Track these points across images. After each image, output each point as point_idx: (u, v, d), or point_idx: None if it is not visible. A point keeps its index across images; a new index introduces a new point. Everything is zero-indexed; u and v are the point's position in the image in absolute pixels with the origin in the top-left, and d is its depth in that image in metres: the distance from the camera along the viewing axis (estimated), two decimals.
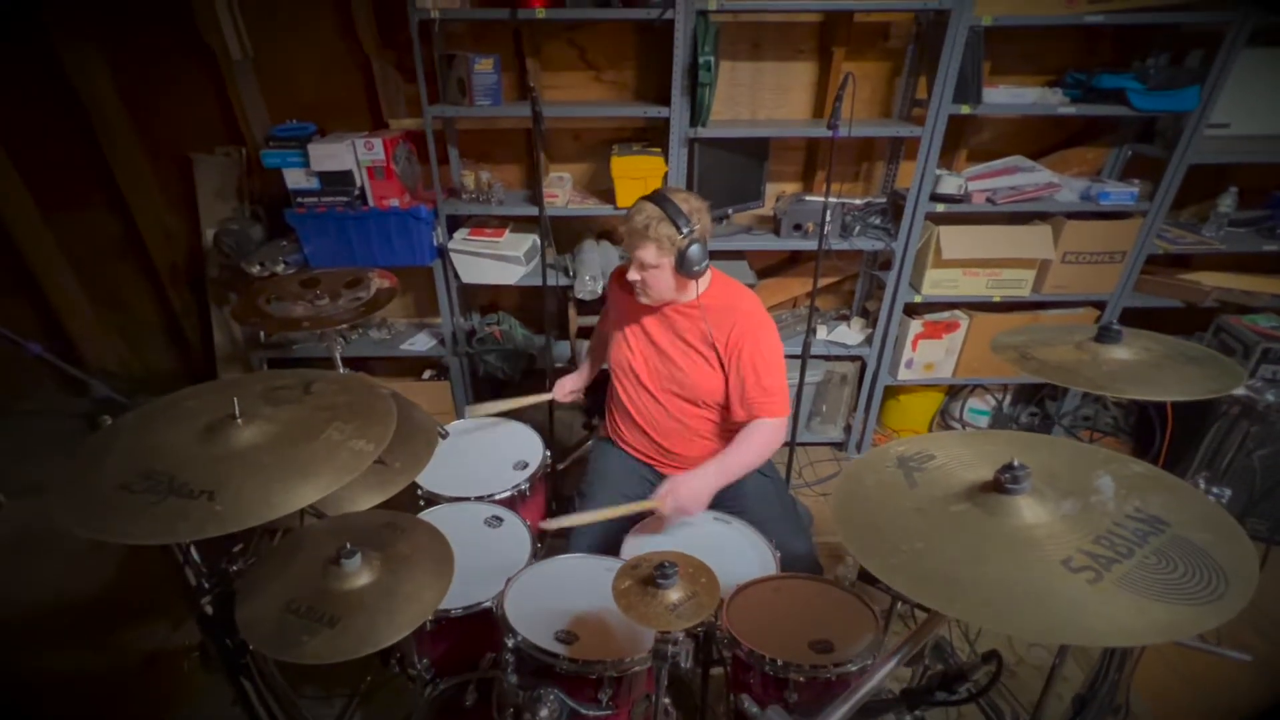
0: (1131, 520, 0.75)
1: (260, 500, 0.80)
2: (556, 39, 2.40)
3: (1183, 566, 0.68)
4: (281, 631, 1.03)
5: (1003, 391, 2.88)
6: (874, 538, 0.79)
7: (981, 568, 0.71)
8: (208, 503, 0.79)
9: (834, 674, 1.07)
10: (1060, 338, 1.24)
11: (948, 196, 2.31)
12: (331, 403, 1.02)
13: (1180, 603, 0.64)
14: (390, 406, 1.04)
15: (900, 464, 0.92)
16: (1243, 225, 2.45)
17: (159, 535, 0.75)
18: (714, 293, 1.61)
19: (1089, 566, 0.69)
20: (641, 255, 1.50)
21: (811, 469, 2.74)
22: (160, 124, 2.50)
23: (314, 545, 1.18)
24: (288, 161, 2.23)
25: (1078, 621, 0.64)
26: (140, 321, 2.89)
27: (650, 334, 1.67)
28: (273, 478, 0.84)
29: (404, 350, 2.67)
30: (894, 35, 2.39)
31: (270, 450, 0.89)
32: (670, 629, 0.91)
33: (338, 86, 2.44)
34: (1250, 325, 2.25)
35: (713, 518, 1.59)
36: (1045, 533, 0.74)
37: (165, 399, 1.02)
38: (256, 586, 1.11)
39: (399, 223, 2.31)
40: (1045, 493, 0.79)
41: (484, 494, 1.68)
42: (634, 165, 2.24)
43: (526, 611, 1.23)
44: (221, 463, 0.86)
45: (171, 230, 2.67)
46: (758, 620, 1.19)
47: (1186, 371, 1.12)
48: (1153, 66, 2.16)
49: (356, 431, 0.94)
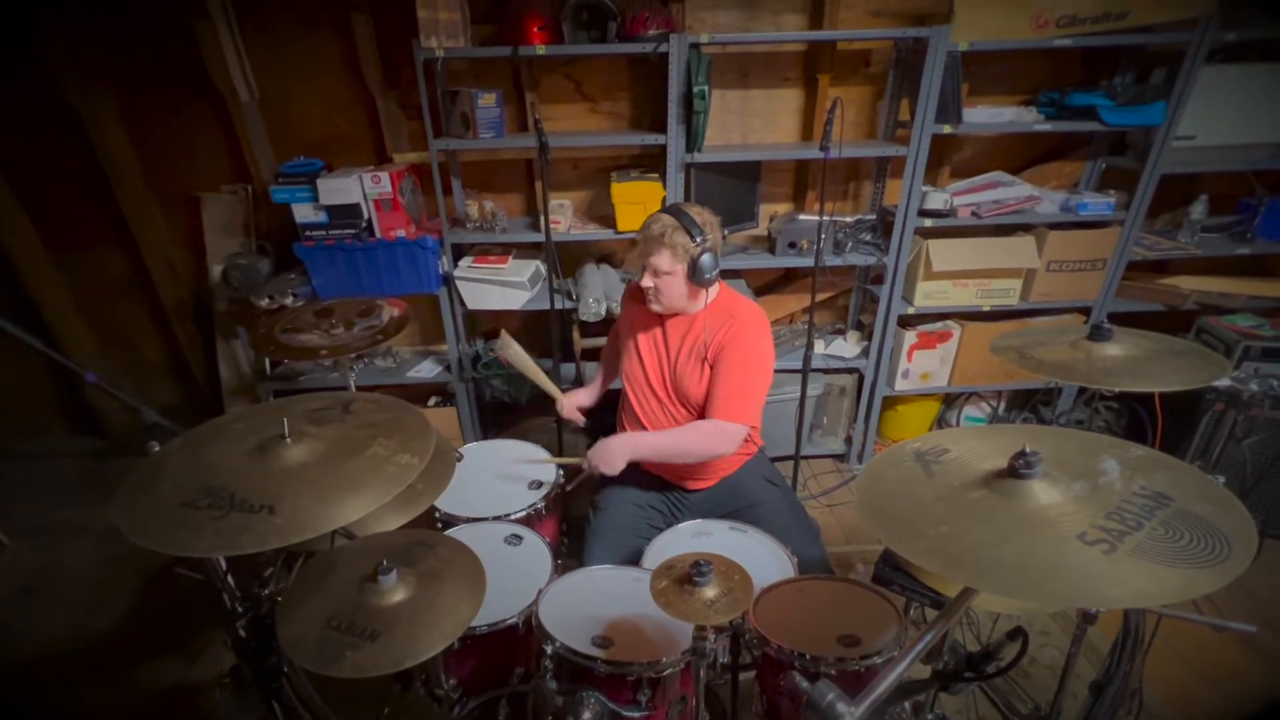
0: (1138, 497, 0.81)
1: (318, 513, 0.84)
2: (554, 73, 2.51)
3: (1189, 535, 0.74)
4: (324, 648, 1.05)
5: (997, 398, 2.96)
6: (901, 526, 0.84)
7: (1004, 546, 0.76)
8: (269, 516, 0.82)
9: (862, 666, 1.11)
10: (1056, 338, 1.32)
11: (934, 211, 2.41)
12: (371, 420, 1.06)
13: (1189, 566, 0.69)
14: (426, 422, 1.08)
15: (917, 458, 0.97)
16: (1215, 231, 2.58)
17: (226, 547, 0.79)
18: (719, 303, 1.69)
19: (1103, 539, 0.74)
20: (656, 262, 1.57)
21: (815, 481, 2.79)
22: (168, 164, 2.56)
23: (348, 565, 1.21)
24: (296, 197, 2.30)
25: (1097, 588, 0.69)
26: (146, 359, 2.91)
27: (658, 343, 1.73)
28: (327, 491, 0.88)
29: (410, 378, 2.71)
30: (875, 62, 2.53)
31: (320, 466, 0.93)
32: (710, 623, 0.95)
33: (343, 124, 2.53)
34: (1230, 325, 2.36)
35: (729, 527, 1.63)
36: (1059, 512, 0.80)
37: (209, 424, 1.06)
38: (295, 607, 1.14)
39: (406, 253, 2.37)
40: (1056, 476, 0.85)
41: (501, 514, 1.72)
42: (633, 190, 2.33)
43: (560, 620, 1.26)
44: (276, 479, 0.90)
45: (178, 267, 2.72)
46: (785, 619, 1.23)
47: (1175, 364, 1.19)
48: (1120, 84, 2.30)
49: (400, 446, 0.99)
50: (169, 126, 2.50)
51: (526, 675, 1.40)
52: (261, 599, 1.29)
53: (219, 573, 1.20)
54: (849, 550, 2.35)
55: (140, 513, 0.85)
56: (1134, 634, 1.19)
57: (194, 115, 2.47)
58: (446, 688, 1.41)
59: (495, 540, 1.64)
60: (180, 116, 2.49)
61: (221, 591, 1.22)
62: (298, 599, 1.15)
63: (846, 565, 2.27)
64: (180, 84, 2.41)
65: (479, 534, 1.65)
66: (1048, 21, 2.18)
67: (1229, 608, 1.92)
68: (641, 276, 1.63)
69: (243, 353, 2.74)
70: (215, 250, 2.60)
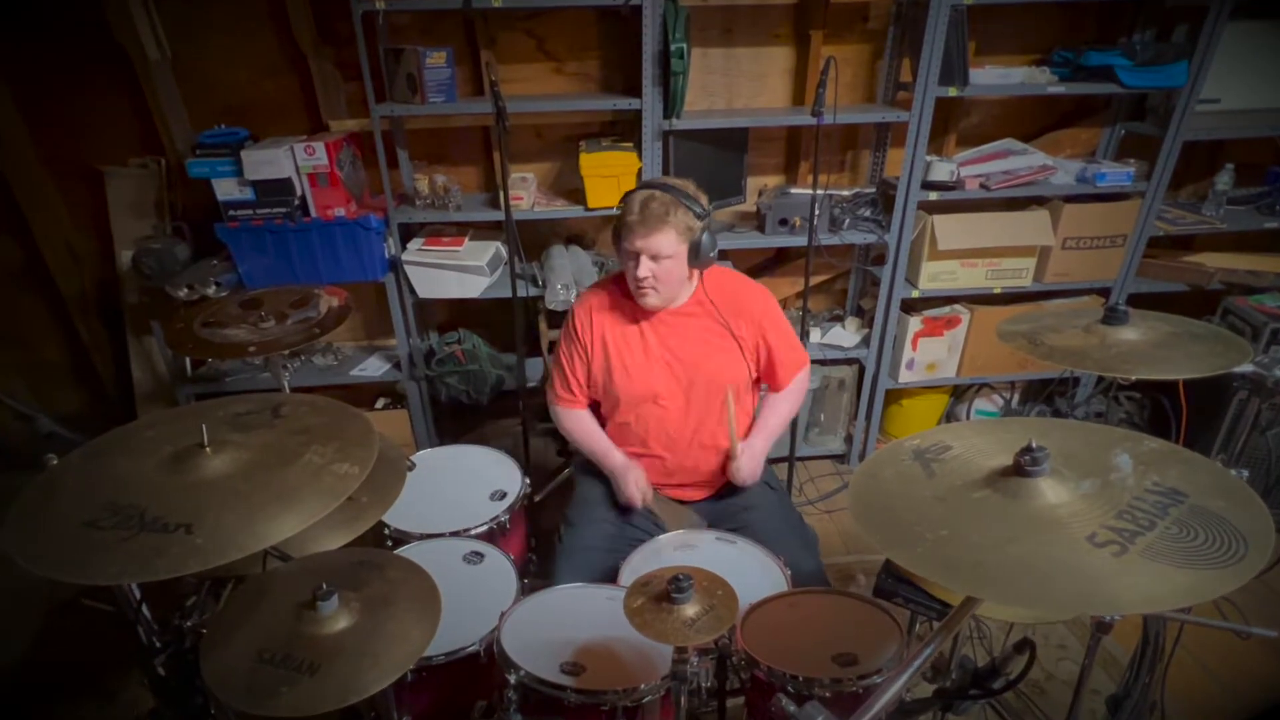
0: (1151, 494, 0.84)
1: (244, 530, 0.83)
2: (513, 29, 2.49)
3: (1203, 534, 0.77)
4: (255, 684, 1.04)
5: (1010, 390, 3.03)
6: (896, 530, 0.86)
7: (1007, 550, 0.79)
8: (185, 536, 0.81)
9: (859, 686, 1.13)
10: (1067, 322, 1.35)
11: (939, 184, 2.45)
12: (305, 425, 1.05)
13: (1203, 567, 0.72)
14: (369, 426, 1.08)
15: (916, 456, 1.00)
16: (1242, 203, 2.66)
17: (136, 574, 0.78)
18: (714, 285, 1.72)
19: (1113, 540, 0.77)
20: (659, 244, 1.56)
21: (813, 485, 2.83)
22: (65, 135, 2.50)
23: (282, 589, 1.20)
24: (217, 171, 2.26)
25: (1106, 593, 0.72)
26: (44, 360, 2.84)
27: (665, 344, 1.72)
28: (254, 506, 0.87)
29: (354, 376, 2.68)
30: (873, 16, 2.55)
31: (246, 478, 0.92)
32: (690, 644, 0.97)
33: (270, 87, 2.48)
34: (1258, 306, 2.43)
35: (715, 538, 1.65)
36: (1067, 511, 0.82)
37: (117, 431, 1.04)
38: (221, 637, 1.12)
39: (346, 234, 2.35)
40: (1064, 473, 0.88)
41: (459, 529, 1.71)
42: (605, 161, 2.33)
43: (526, 645, 1.27)
44: (195, 493, 0.89)
45: (80, 253, 2.65)
46: (775, 639, 1.25)
47: (1194, 349, 1.23)
48: (1139, 43, 2.36)
49: (338, 454, 0.98)
50: (65, 91, 2.43)
51: (489, 709, 1.40)
52: (183, 631, 1.28)
53: (132, 603, 1.18)
54: (849, 560, 2.39)
55: (35, 535, 0.83)
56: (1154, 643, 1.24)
57: (96, 78, 2.41)
58: None
59: (453, 558, 1.64)
60: (79, 80, 2.42)
61: (136, 624, 1.20)
62: (225, 630, 1.14)
63: (847, 577, 2.31)
64: (78, 41, 2.34)
65: (435, 551, 1.65)
66: None
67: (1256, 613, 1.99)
68: (634, 266, 1.60)
69: (158, 351, 2.69)
70: (123, 233, 2.54)
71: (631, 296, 1.70)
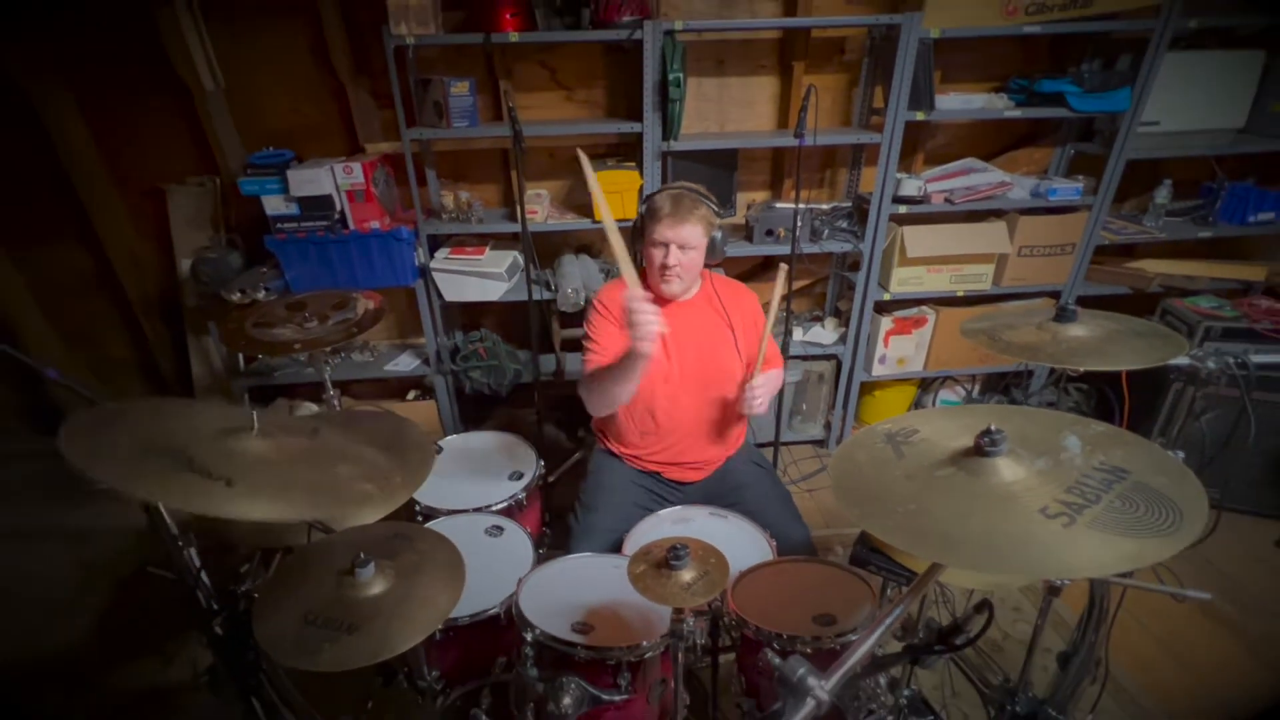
0: (1097, 471, 0.83)
1: (278, 497, 0.83)
2: (528, 60, 2.48)
3: (1144, 506, 0.76)
4: (301, 642, 1.05)
5: (971, 382, 3.02)
6: (871, 505, 0.86)
7: (969, 522, 0.78)
8: (225, 487, 0.81)
9: (837, 643, 1.14)
10: (1023, 320, 1.34)
11: (909, 198, 2.44)
12: (341, 450, 1.05)
13: (1143, 536, 0.72)
14: (395, 466, 1.06)
15: (888, 440, 0.99)
16: (1179, 215, 2.65)
17: (176, 500, 0.78)
18: (719, 282, 1.74)
19: (1063, 513, 0.77)
20: (688, 234, 1.56)
21: (796, 467, 2.82)
22: (131, 157, 2.49)
23: (325, 559, 1.21)
24: (266, 189, 2.26)
25: (1057, 559, 0.72)
26: (113, 357, 2.85)
27: (675, 331, 1.68)
28: (289, 485, 0.87)
29: (388, 371, 2.68)
30: (849, 49, 2.54)
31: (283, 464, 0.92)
32: (687, 605, 0.97)
33: (313, 113, 2.48)
34: (1192, 306, 2.42)
35: (709, 513, 1.65)
36: (1022, 487, 0.82)
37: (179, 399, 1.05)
38: (271, 603, 1.13)
39: (380, 245, 2.34)
40: (1020, 453, 0.87)
41: (481, 505, 1.72)
42: (611, 180, 2.32)
43: (540, 608, 1.27)
44: (239, 459, 0.89)
45: (144, 262, 2.65)
46: (762, 601, 1.25)
47: (1136, 344, 1.23)
48: (1087, 71, 2.34)
49: (362, 474, 0.98)
50: (131, 117, 2.43)
51: (509, 664, 1.41)
52: (238, 596, 1.29)
53: (193, 571, 1.18)
54: (828, 534, 2.39)
55: (88, 444, 0.83)
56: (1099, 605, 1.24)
57: (157, 106, 2.40)
58: (429, 679, 1.41)
59: (476, 532, 1.65)
60: (143, 107, 2.42)
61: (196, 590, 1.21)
62: (274, 594, 1.14)
63: (826, 548, 2.30)
64: (142, 74, 2.34)
65: (459, 526, 1.65)
66: (1017, 9, 2.21)
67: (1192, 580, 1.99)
68: (662, 254, 1.58)
69: (214, 349, 2.69)
70: (183, 244, 2.54)
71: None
